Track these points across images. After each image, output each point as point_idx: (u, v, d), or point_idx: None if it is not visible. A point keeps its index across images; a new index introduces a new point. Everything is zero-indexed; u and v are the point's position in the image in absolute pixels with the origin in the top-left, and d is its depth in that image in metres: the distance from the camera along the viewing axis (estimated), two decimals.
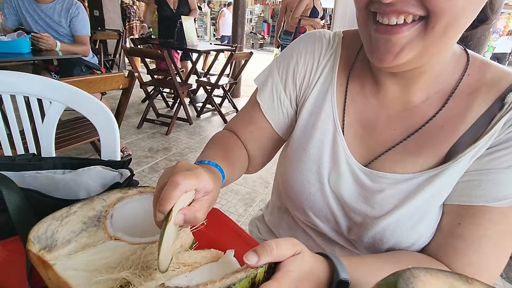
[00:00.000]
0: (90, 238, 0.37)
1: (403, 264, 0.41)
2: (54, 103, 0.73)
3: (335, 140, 0.51)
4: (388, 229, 0.44)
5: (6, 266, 0.42)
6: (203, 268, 0.37)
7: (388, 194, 0.45)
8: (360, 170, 0.48)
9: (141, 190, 0.49)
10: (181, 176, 0.33)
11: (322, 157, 0.51)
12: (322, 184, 0.51)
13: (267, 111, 0.58)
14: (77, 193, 0.54)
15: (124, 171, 0.61)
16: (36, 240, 0.34)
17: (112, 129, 0.71)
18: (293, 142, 0.55)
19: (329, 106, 0.52)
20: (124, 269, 0.34)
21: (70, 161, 0.65)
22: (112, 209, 0.43)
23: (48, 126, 0.73)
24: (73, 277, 0.32)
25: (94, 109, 0.72)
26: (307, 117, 0.54)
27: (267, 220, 0.69)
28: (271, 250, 0.30)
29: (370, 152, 0.49)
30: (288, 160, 0.56)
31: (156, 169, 2.18)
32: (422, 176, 0.43)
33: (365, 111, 0.50)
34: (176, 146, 2.58)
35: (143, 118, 2.88)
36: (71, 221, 0.39)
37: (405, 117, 0.47)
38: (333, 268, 0.34)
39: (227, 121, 3.26)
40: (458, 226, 0.41)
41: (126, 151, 2.25)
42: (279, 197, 0.63)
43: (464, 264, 0.41)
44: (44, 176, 0.55)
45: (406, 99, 0.47)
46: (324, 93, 0.53)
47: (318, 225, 0.53)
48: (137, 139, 2.63)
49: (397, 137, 0.47)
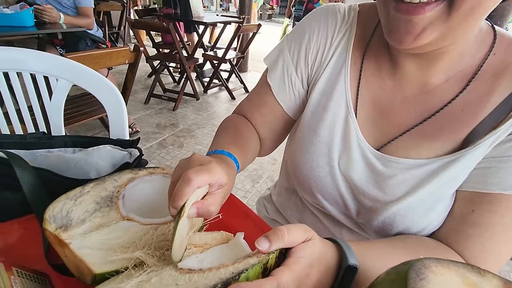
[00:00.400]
0: (103, 218, 0.38)
1: (412, 250, 0.41)
2: (61, 81, 0.72)
3: (347, 122, 0.49)
4: (398, 214, 0.44)
5: (24, 243, 0.43)
6: (214, 249, 0.38)
7: (400, 180, 0.44)
8: (372, 154, 0.47)
9: (151, 171, 0.49)
10: (193, 173, 0.33)
11: (332, 139, 0.50)
12: (332, 168, 0.50)
13: (278, 93, 0.56)
14: (87, 172, 0.55)
15: (133, 151, 0.61)
16: (52, 219, 0.35)
17: (119, 108, 0.70)
18: (303, 123, 0.54)
19: (342, 87, 0.50)
20: (138, 249, 0.35)
21: (80, 140, 0.65)
22: (124, 190, 0.44)
23: (56, 103, 0.73)
24: (88, 256, 0.33)
25: (101, 87, 0.71)
26: (318, 98, 0.52)
27: (275, 200, 0.70)
28: (283, 236, 0.30)
29: (383, 135, 0.47)
30: (297, 142, 0.54)
31: (164, 145, 2.20)
32: (437, 162, 0.42)
33: (380, 93, 0.48)
34: (183, 122, 2.58)
35: (150, 93, 2.86)
36: (85, 201, 0.39)
37: (422, 100, 0.45)
38: (341, 253, 0.34)
39: (234, 97, 3.25)
40: (471, 213, 0.41)
41: (134, 127, 2.27)
42: (287, 178, 0.63)
43: (476, 250, 0.40)
44: (55, 155, 0.55)
45: (424, 81, 0.45)
46: (337, 73, 0.51)
47: (327, 208, 0.53)
48: (144, 115, 2.64)
49: (412, 121, 0.45)
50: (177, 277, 0.30)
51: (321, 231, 0.59)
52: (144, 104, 2.84)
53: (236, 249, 0.38)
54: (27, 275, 0.35)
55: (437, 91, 0.44)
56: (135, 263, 0.33)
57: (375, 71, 0.49)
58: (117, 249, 0.34)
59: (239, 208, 0.54)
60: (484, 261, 0.40)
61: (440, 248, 0.42)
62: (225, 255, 0.37)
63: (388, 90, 0.48)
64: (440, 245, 0.43)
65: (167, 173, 0.50)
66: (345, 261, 0.32)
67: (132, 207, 0.42)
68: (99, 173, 0.56)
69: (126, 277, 0.31)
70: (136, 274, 0.31)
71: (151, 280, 0.30)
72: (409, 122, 0.45)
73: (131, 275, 0.31)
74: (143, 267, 0.32)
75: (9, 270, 0.33)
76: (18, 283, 0.32)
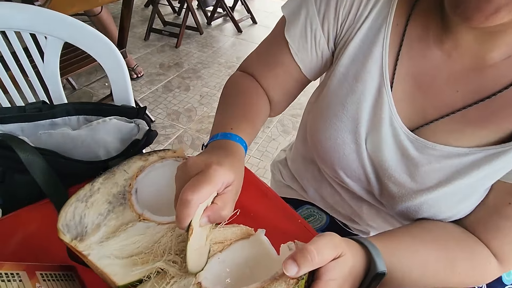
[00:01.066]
0: (118, 220, 0.37)
1: (442, 246, 0.39)
2: (51, 39, 0.64)
3: (380, 95, 0.42)
4: (426, 203, 0.41)
5: (43, 233, 0.43)
6: (235, 246, 0.37)
7: (434, 168, 0.40)
8: (405, 136, 0.41)
9: (162, 156, 0.46)
10: (191, 191, 0.30)
11: (361, 114, 0.43)
12: (359, 146, 0.45)
13: (297, 53, 0.48)
14: (96, 152, 0.52)
15: (140, 123, 0.57)
16: (65, 229, 0.34)
17: (121, 71, 0.63)
18: (327, 92, 0.47)
19: (378, 51, 0.42)
20: (158, 255, 0.34)
21: (83, 107, 0.61)
22: (135, 182, 0.41)
23: (50, 65, 0.66)
24: (109, 267, 0.32)
25: (98, 46, 0.63)
26: (348, 64, 0.44)
27: (290, 166, 0.68)
28: (312, 259, 0.28)
29: (420, 115, 0.41)
30: (320, 113, 0.48)
31: (169, 87, 2.11)
32: (480, 153, 0.37)
33: (423, 64, 0.40)
34: (187, 61, 2.43)
35: (149, 28, 2.64)
36: (97, 201, 0.37)
37: (474, 77, 0.38)
38: (370, 257, 0.33)
39: (241, 30, 2.98)
40: (507, 205, 0.38)
41: (138, 71, 2.15)
42: (305, 145, 0.59)
43: (504, 242, 0.39)
44: (59, 133, 0.52)
45: (480, 54, 0.37)
46: (374, 34, 0.42)
47: (348, 184, 0.50)
48: (145, 53, 2.48)
49: (459, 101, 0.39)
50: None
51: (339, 203, 0.58)
52: (144, 41, 2.64)
53: (258, 247, 0.37)
54: (52, 275, 0.35)
55: (494, 70, 0.37)
56: (157, 271, 0.33)
57: (421, 36, 0.40)
58: (137, 257, 0.33)
59: (256, 186, 0.52)
60: (509, 252, 0.40)
61: (469, 241, 0.40)
62: (248, 252, 0.37)
63: (433, 62, 0.40)
64: (468, 237, 0.41)
65: (178, 156, 0.47)
66: (374, 267, 0.32)
67: (147, 201, 0.40)
68: (108, 151, 0.53)
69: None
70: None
71: None
72: (453, 103, 0.39)
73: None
74: (165, 276, 0.32)
75: (33, 278, 0.33)
76: None
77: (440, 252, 0.39)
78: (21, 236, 0.43)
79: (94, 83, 2.08)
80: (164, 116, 1.87)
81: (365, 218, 0.55)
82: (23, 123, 0.57)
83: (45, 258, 0.41)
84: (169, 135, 1.75)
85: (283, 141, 1.77)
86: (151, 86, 2.11)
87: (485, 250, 0.40)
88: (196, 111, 1.92)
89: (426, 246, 0.39)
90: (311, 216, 0.61)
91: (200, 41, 2.75)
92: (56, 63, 0.66)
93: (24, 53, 0.71)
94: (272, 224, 0.46)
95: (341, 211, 0.58)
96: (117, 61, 0.62)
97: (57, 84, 0.67)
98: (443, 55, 0.39)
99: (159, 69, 2.30)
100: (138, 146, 0.53)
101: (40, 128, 0.58)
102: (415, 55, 0.41)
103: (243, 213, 0.47)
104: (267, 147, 1.73)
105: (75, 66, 1.39)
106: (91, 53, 0.64)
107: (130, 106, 0.62)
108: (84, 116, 0.61)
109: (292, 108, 2.01)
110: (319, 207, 0.62)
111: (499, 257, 0.40)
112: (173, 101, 2.00)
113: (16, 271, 0.31)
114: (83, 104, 0.61)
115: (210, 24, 3.06)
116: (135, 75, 2.14)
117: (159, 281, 0.32)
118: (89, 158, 0.51)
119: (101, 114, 0.61)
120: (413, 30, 0.40)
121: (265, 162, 1.65)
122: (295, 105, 2.02)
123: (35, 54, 0.68)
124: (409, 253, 0.37)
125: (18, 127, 0.56)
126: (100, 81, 2.11)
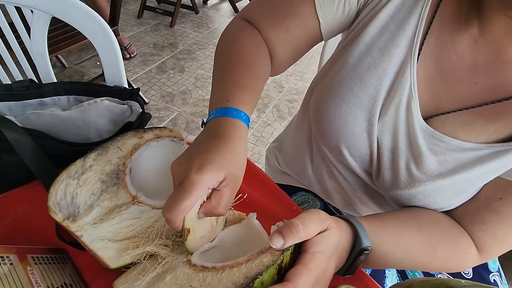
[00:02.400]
0: (112, 201, 0.36)
1: (426, 232, 0.40)
2: (38, 13, 0.61)
3: (403, 71, 0.38)
4: (422, 193, 0.41)
5: (34, 215, 0.42)
6: (226, 231, 0.37)
7: (438, 160, 0.39)
8: (417, 122, 0.39)
9: (158, 134, 0.45)
10: (169, 209, 0.28)
11: (380, 91, 0.40)
12: (371, 125, 0.41)
13: (322, 5, 0.41)
14: (87, 134, 0.50)
15: (133, 104, 0.56)
16: (57, 208, 0.33)
17: (113, 49, 0.61)
18: (344, 64, 0.42)
19: (414, 22, 0.37)
20: (150, 240, 0.34)
21: (73, 86, 0.59)
22: (130, 162, 0.40)
23: (37, 41, 0.63)
24: (102, 250, 0.32)
25: (87, 22, 0.60)
26: (375, 34, 0.40)
27: (287, 148, 0.65)
28: (298, 232, 0.28)
29: (434, 103, 0.39)
30: (331, 87, 0.43)
31: (164, 69, 2.06)
32: (487, 149, 0.37)
33: (450, 47, 0.37)
34: (182, 41, 2.36)
35: (142, 5, 2.53)
36: (89, 179, 0.36)
37: (494, 72, 0.36)
38: (356, 234, 0.34)
39: (238, 10, 2.88)
40: (498, 200, 0.38)
41: (131, 50, 2.08)
42: (304, 124, 0.56)
43: (487, 235, 0.40)
44: (48, 114, 0.50)
45: (505, 46, 0.35)
46: (413, 1, 0.38)
47: (350, 163, 0.47)
48: (139, 31, 2.40)
49: (475, 95, 0.37)
50: (191, 276, 0.30)
51: (334, 188, 0.56)
52: (138, 19, 2.55)
53: (249, 231, 0.37)
54: (44, 258, 0.35)
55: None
56: (149, 254, 0.33)
57: (455, 15, 0.37)
58: (129, 241, 0.33)
59: (252, 172, 0.51)
60: (492, 245, 0.40)
61: (453, 229, 0.41)
62: (240, 237, 0.37)
63: (459, 47, 0.37)
64: (454, 226, 0.41)
65: (175, 136, 0.46)
66: (359, 243, 0.33)
67: (141, 183, 0.40)
68: (100, 133, 0.51)
69: (141, 271, 0.31)
70: (151, 269, 0.31)
71: (166, 279, 0.29)
72: (469, 96, 0.37)
73: (146, 269, 0.31)
74: (157, 258, 0.32)
75: (24, 261, 0.32)
76: (36, 273, 0.32)
77: (423, 237, 0.39)
78: (11, 219, 0.42)
79: (85, 62, 2.02)
80: (158, 98, 1.83)
81: (358, 203, 0.55)
82: (10, 102, 0.55)
83: (36, 241, 0.40)
84: (163, 118, 1.72)
85: (279, 127, 1.76)
86: (145, 67, 2.05)
87: (468, 240, 0.40)
88: (191, 94, 1.89)
89: (410, 230, 0.39)
90: (306, 203, 0.62)
91: (196, 21, 2.66)
92: (43, 40, 0.63)
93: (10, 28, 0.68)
94: (267, 210, 0.46)
95: (335, 195, 0.58)
96: (108, 39, 0.60)
97: (45, 61, 0.64)
98: (471, 41, 0.36)
99: (153, 49, 2.23)
100: (131, 129, 0.52)
101: (28, 108, 0.56)
102: (444, 34, 0.38)
103: (238, 199, 0.47)
104: (262, 132, 1.73)
105: (65, 43, 1.34)
106: (81, 29, 0.61)
107: (122, 87, 0.60)
108: (75, 97, 0.59)
109: (288, 94, 1.99)
110: (314, 194, 0.62)
111: (480, 249, 0.40)
112: (167, 82, 1.96)
113: (6, 254, 0.30)
114: (73, 83, 0.58)
115: (206, 3, 2.95)
116: (128, 54, 2.08)
117: (151, 262, 0.32)
118: (80, 140, 0.50)
119: (93, 94, 0.58)
120: (448, 7, 0.37)
121: (259, 147, 1.64)
122: (291, 90, 2.01)
123: (21, 30, 0.64)
124: (393, 235, 0.38)
125: (5, 105, 0.54)
126: (91, 59, 2.04)
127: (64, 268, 0.36)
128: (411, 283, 0.27)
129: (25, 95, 0.55)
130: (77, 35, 1.41)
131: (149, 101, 1.81)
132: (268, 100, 1.95)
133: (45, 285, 0.31)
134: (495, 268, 0.57)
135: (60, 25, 1.42)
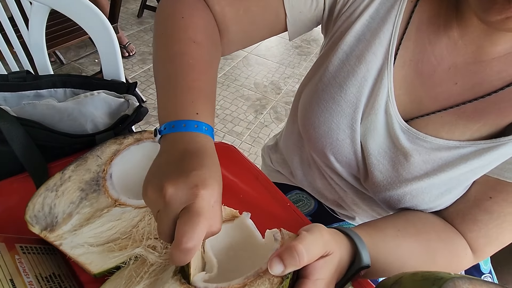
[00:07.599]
0: (92, 207, 0.35)
1: (423, 238, 0.40)
2: (36, 4, 0.60)
3: (381, 78, 0.39)
4: (410, 193, 0.41)
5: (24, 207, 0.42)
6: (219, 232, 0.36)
7: (423, 159, 0.40)
8: (398, 125, 0.40)
9: (138, 138, 0.44)
10: (188, 238, 0.24)
11: (360, 98, 0.41)
12: (354, 131, 0.43)
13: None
14: (83, 125, 0.50)
15: (130, 98, 0.55)
16: (34, 221, 0.32)
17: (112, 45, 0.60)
18: (325, 73, 0.43)
19: (388, 30, 0.38)
20: (136, 240, 0.33)
21: (70, 79, 0.58)
22: (110, 167, 0.39)
23: (35, 33, 0.63)
24: (83, 256, 0.31)
25: (86, 15, 0.59)
26: (353, 43, 0.41)
27: (281, 148, 0.66)
28: (300, 260, 0.26)
29: (415, 105, 0.40)
30: (314, 95, 0.45)
31: None
32: (470, 147, 0.37)
33: (428, 49, 0.38)
34: None
35: (142, 4, 2.54)
36: (68, 190, 0.35)
37: (474, 71, 0.37)
38: (355, 249, 0.33)
39: None
40: (488, 199, 0.38)
41: (130, 48, 2.08)
42: (294, 128, 0.57)
43: (480, 235, 0.40)
44: (44, 104, 0.50)
45: (485, 46, 0.36)
46: (386, 10, 0.39)
47: (337, 169, 0.49)
48: (138, 30, 2.40)
49: (456, 94, 0.38)
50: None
51: (326, 188, 0.57)
52: (137, 18, 2.55)
53: (243, 231, 0.36)
54: (33, 248, 0.34)
55: (497, 64, 0.36)
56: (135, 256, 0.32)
57: (432, 19, 0.38)
58: (113, 243, 0.32)
59: (248, 169, 0.51)
60: (485, 245, 0.40)
61: (449, 232, 0.41)
62: (232, 236, 0.36)
63: (438, 50, 0.38)
64: (449, 228, 0.41)
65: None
66: (359, 260, 0.32)
67: (123, 185, 0.39)
68: (96, 126, 0.51)
69: (127, 282, 0.30)
70: (137, 279, 0.29)
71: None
72: (451, 96, 0.38)
73: (132, 279, 0.30)
74: (144, 262, 0.31)
75: (12, 250, 0.32)
76: (25, 262, 0.31)
77: (421, 247, 0.39)
78: (2, 209, 0.41)
79: (83, 59, 2.01)
80: (155, 97, 1.82)
81: (350, 204, 0.55)
82: (6, 93, 0.54)
83: (26, 232, 0.40)
84: None
85: (276, 128, 1.77)
86: (143, 65, 2.05)
87: (462, 241, 0.40)
88: None
89: (408, 240, 0.39)
90: (300, 201, 0.61)
91: None
92: (42, 32, 0.62)
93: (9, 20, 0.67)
94: (261, 207, 0.46)
95: (328, 196, 0.58)
96: (107, 33, 0.59)
97: (43, 54, 0.63)
98: (449, 43, 0.37)
99: (152, 49, 2.22)
100: (127, 121, 0.51)
101: (24, 99, 0.55)
102: (422, 38, 0.38)
103: (233, 195, 0.47)
104: (259, 133, 1.73)
105: (64, 38, 1.33)
106: (80, 23, 0.61)
107: (120, 81, 0.60)
108: (72, 89, 0.59)
109: (286, 96, 1.99)
110: (308, 192, 0.62)
111: (474, 249, 0.41)
112: None
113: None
114: (70, 76, 0.58)
115: None
116: (127, 53, 2.08)
117: (137, 268, 0.31)
118: (76, 132, 0.49)
119: (89, 88, 0.58)
120: (424, 11, 0.38)
121: (256, 148, 1.64)
122: (289, 92, 2.01)
123: (20, 22, 0.64)
124: (393, 247, 0.38)
125: (1, 96, 0.53)
126: (89, 56, 2.03)
127: (53, 259, 0.35)
128: (402, 276, 0.27)
129: (21, 86, 0.55)
130: (76, 31, 1.40)
131: (146, 99, 1.80)
132: (266, 101, 1.95)
133: (33, 275, 0.31)
134: (487, 269, 0.57)
135: (59, 21, 1.42)
